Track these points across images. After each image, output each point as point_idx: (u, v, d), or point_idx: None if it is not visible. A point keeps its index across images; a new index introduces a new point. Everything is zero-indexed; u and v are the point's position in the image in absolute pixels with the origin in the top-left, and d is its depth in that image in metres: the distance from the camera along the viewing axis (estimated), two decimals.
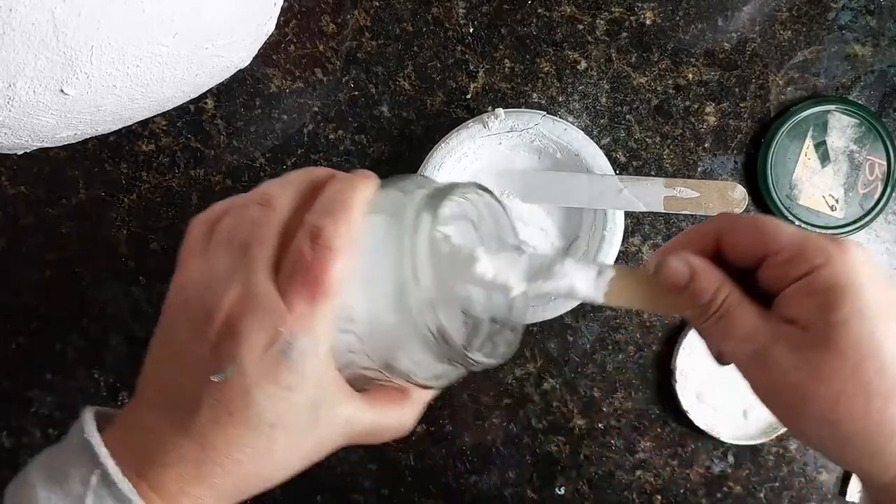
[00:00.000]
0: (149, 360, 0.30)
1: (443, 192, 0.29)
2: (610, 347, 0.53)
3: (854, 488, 0.51)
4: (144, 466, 0.27)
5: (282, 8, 0.51)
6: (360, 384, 0.30)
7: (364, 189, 0.29)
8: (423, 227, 0.27)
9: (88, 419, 0.28)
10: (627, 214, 0.51)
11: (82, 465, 0.26)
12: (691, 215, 0.52)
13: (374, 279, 0.28)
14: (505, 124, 0.47)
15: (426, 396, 0.33)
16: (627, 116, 0.52)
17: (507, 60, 0.52)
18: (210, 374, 0.26)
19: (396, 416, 0.32)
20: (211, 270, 0.28)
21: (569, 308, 0.48)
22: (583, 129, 0.50)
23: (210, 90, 0.52)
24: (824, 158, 0.51)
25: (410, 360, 0.29)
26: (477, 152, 0.50)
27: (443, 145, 0.48)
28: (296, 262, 0.27)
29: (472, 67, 0.52)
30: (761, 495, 0.52)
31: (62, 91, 0.37)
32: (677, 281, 0.28)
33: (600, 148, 0.49)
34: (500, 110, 0.47)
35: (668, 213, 0.52)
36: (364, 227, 0.28)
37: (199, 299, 0.27)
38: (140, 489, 0.26)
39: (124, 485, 0.26)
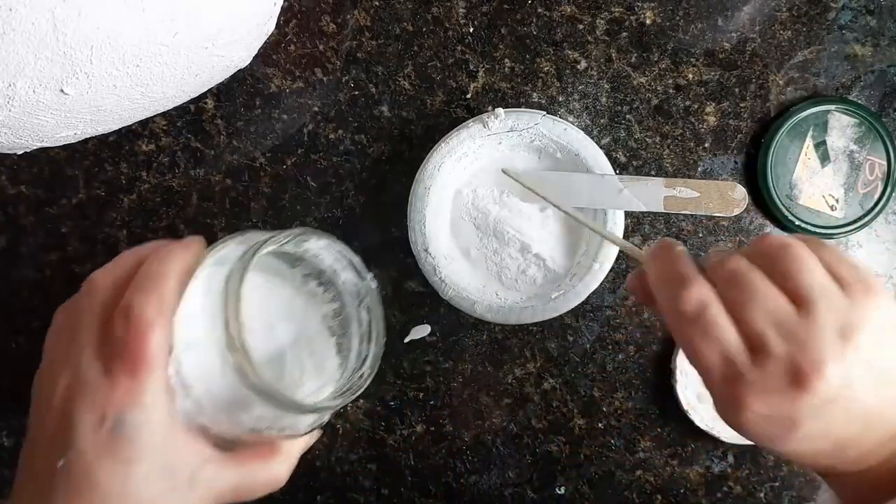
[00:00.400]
0: (23, 448, 0.32)
1: (256, 247, 0.29)
2: (610, 347, 0.53)
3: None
4: None
5: (282, 8, 0.51)
6: (228, 445, 0.31)
7: (178, 259, 0.30)
8: (232, 283, 0.28)
9: None
10: (627, 214, 0.51)
11: None
12: (692, 215, 0.52)
13: (199, 341, 0.29)
14: (505, 124, 0.47)
15: (297, 447, 0.34)
16: (627, 116, 0.52)
17: (507, 60, 0.52)
18: (55, 460, 0.28)
19: (264, 471, 0.33)
20: (48, 362, 0.31)
21: (569, 307, 0.48)
22: (583, 129, 0.50)
23: (210, 90, 0.52)
24: (824, 158, 0.51)
25: (252, 416, 0.29)
26: (477, 152, 0.50)
27: (443, 145, 0.48)
28: (113, 340, 0.28)
29: (472, 67, 0.52)
30: (761, 495, 0.52)
31: (62, 91, 0.37)
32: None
33: (600, 148, 0.49)
34: (500, 110, 0.47)
35: (668, 214, 0.52)
36: (190, 293, 0.29)
37: (39, 391, 0.30)
38: None
39: None
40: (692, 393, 0.51)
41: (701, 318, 0.28)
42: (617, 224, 0.48)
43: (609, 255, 0.47)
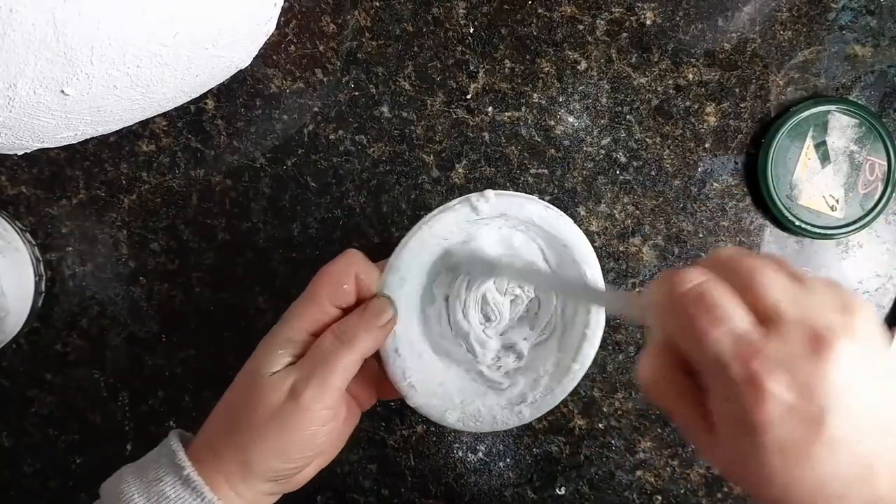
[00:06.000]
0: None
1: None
2: (610, 347, 0.53)
3: None
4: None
5: (282, 8, 0.51)
6: None
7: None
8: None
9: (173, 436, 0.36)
10: (627, 213, 0.51)
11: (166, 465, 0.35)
12: (692, 215, 0.52)
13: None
14: (494, 208, 0.40)
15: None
16: (628, 117, 0.52)
17: (507, 60, 0.52)
18: None
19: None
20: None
21: (548, 409, 0.43)
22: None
23: (210, 90, 0.52)
24: (824, 158, 0.51)
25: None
26: (458, 235, 0.41)
27: (424, 229, 0.39)
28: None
29: (472, 67, 0.52)
30: None
31: (63, 92, 0.37)
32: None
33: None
34: (490, 192, 0.40)
35: (668, 214, 0.52)
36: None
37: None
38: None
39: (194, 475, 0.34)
40: None
41: (703, 296, 0.27)
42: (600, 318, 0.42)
43: (588, 355, 0.41)
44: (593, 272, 0.41)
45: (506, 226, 0.41)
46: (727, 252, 0.29)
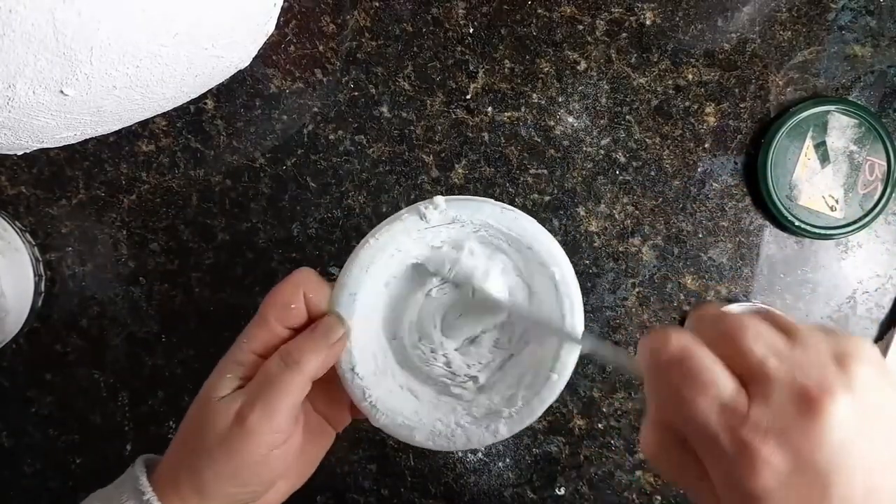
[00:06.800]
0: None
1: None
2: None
3: None
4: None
5: (282, 8, 0.51)
6: None
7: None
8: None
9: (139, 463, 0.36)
10: (627, 214, 0.51)
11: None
12: (692, 216, 0.52)
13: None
14: (446, 215, 0.38)
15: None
16: (627, 117, 0.52)
17: (506, 61, 0.52)
18: None
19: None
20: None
21: (525, 425, 0.41)
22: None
23: (210, 90, 0.52)
24: (824, 159, 0.51)
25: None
26: (411, 246, 0.40)
27: (371, 241, 0.38)
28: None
29: (472, 67, 0.52)
30: None
31: (62, 92, 0.37)
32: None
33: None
34: (439, 198, 0.38)
35: (668, 214, 0.52)
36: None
37: None
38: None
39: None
40: None
41: (686, 362, 0.26)
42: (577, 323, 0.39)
43: (567, 363, 0.38)
44: (563, 272, 0.38)
45: (462, 232, 0.39)
46: (711, 308, 0.28)
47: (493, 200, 0.38)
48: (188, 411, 0.36)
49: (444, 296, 0.40)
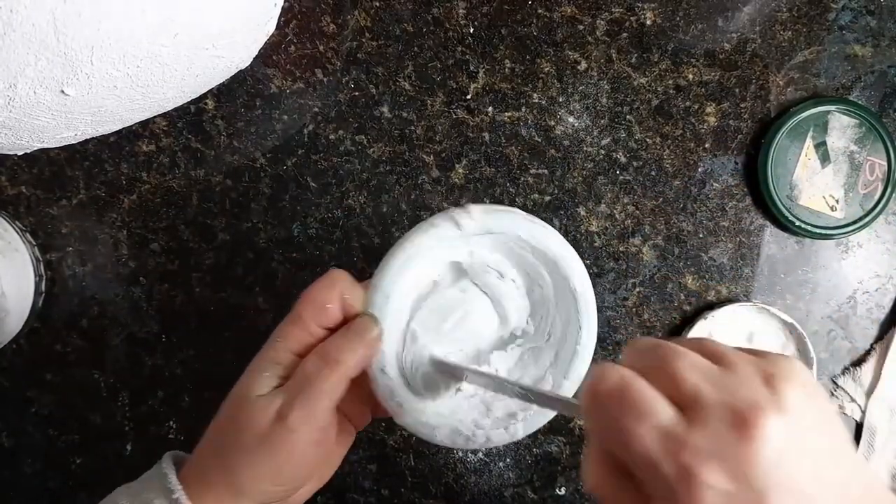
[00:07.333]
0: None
1: None
2: (610, 348, 0.53)
3: None
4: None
5: (282, 8, 0.51)
6: None
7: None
8: None
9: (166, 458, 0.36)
10: (627, 214, 0.51)
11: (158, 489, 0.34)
12: (693, 216, 0.52)
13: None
14: (481, 225, 0.38)
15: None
16: (628, 117, 0.52)
17: (507, 61, 0.52)
18: None
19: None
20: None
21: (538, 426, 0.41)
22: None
23: (210, 90, 0.52)
24: (824, 159, 0.51)
25: None
26: (442, 254, 0.40)
27: (406, 245, 0.38)
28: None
29: (472, 67, 0.52)
30: None
31: (63, 92, 0.37)
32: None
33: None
34: (473, 207, 0.38)
35: (668, 214, 0.52)
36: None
37: None
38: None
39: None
40: None
41: (624, 392, 0.26)
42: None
43: (579, 371, 0.40)
44: (583, 284, 0.40)
45: (495, 242, 0.40)
46: (645, 341, 0.29)
47: (523, 213, 0.39)
48: (221, 409, 0.36)
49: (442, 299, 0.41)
